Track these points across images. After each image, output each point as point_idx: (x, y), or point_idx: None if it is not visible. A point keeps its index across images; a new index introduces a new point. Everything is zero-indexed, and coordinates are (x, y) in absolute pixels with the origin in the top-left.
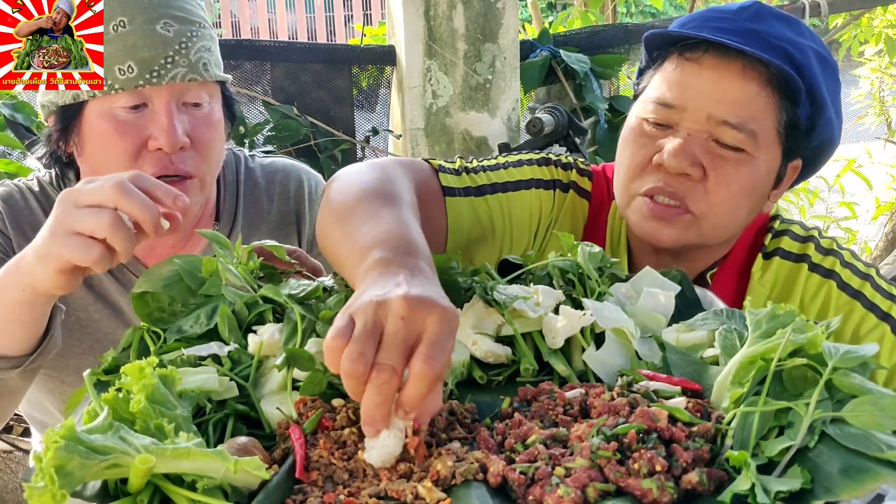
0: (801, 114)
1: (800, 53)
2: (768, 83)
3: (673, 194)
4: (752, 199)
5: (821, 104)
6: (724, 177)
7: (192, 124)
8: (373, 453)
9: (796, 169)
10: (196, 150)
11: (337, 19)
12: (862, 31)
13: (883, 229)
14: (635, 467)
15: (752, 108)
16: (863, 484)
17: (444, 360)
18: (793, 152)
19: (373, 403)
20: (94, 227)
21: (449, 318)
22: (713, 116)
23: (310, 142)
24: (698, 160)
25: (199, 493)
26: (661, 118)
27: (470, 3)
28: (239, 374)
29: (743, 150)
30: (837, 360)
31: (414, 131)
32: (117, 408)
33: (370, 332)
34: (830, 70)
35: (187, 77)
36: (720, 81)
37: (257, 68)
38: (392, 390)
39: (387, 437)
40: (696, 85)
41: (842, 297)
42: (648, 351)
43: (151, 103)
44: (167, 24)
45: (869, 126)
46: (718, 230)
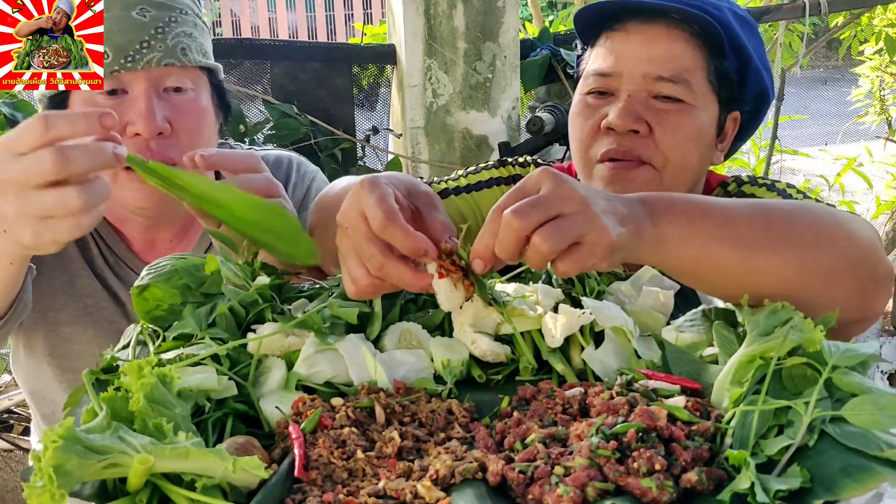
0: (730, 66)
1: (717, 11)
2: (693, 37)
3: (626, 152)
4: (699, 144)
5: (746, 56)
6: (668, 126)
7: (173, 111)
8: (447, 302)
9: (736, 120)
10: (179, 137)
11: (337, 18)
12: (862, 29)
13: (883, 228)
14: (634, 466)
15: (682, 62)
16: (862, 483)
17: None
18: (729, 103)
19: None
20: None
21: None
22: (648, 74)
23: (310, 141)
24: (642, 117)
25: (198, 492)
26: (601, 86)
27: (470, 2)
28: (238, 374)
29: (681, 100)
30: (837, 359)
31: (414, 130)
32: (116, 407)
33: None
34: (749, 27)
35: (164, 61)
36: (648, 43)
37: (257, 67)
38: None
39: (448, 285)
40: (627, 50)
41: (770, 194)
42: (648, 350)
43: (130, 89)
44: (143, 10)
45: (869, 125)
46: (678, 178)
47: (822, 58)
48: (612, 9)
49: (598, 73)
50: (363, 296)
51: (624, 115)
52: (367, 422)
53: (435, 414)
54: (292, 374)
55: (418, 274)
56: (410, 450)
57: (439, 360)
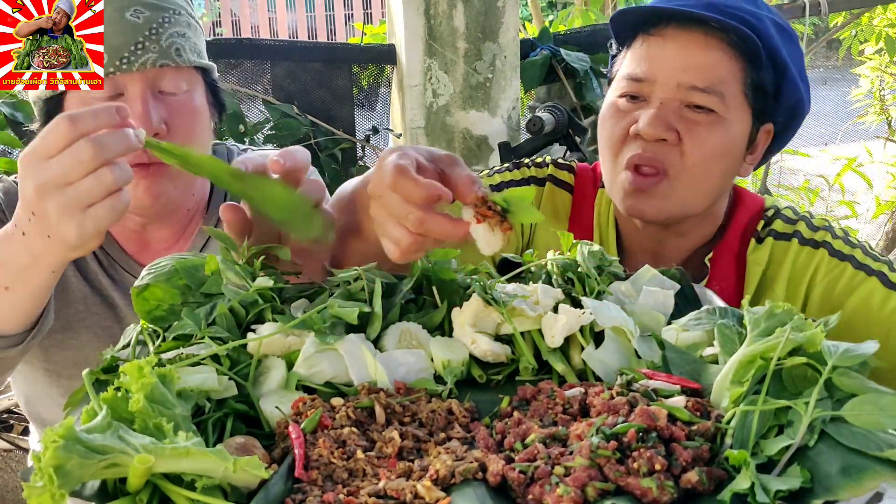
0: (766, 77)
1: (757, 21)
2: (730, 47)
3: (651, 159)
4: (725, 159)
5: (783, 67)
6: (697, 138)
7: (169, 111)
8: (486, 247)
9: (769, 133)
10: (175, 138)
11: (337, 18)
12: (862, 30)
13: (883, 228)
14: (635, 466)
15: (717, 72)
16: (862, 483)
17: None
18: (763, 115)
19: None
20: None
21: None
22: (682, 83)
23: (310, 141)
24: (672, 125)
25: (198, 492)
26: (634, 91)
27: (470, 2)
28: (238, 373)
29: (714, 111)
30: (837, 359)
31: (414, 130)
32: (116, 407)
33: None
34: (788, 36)
35: (158, 62)
36: (684, 50)
37: (257, 67)
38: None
39: (486, 230)
40: (663, 56)
41: (832, 261)
42: (648, 350)
43: (126, 92)
44: (137, 12)
45: (869, 125)
46: (695, 193)
47: (822, 58)
48: (651, 13)
49: (631, 78)
50: (407, 256)
51: (654, 122)
52: (367, 422)
53: (435, 414)
54: (292, 374)
55: (457, 223)
56: (411, 450)
57: (439, 361)
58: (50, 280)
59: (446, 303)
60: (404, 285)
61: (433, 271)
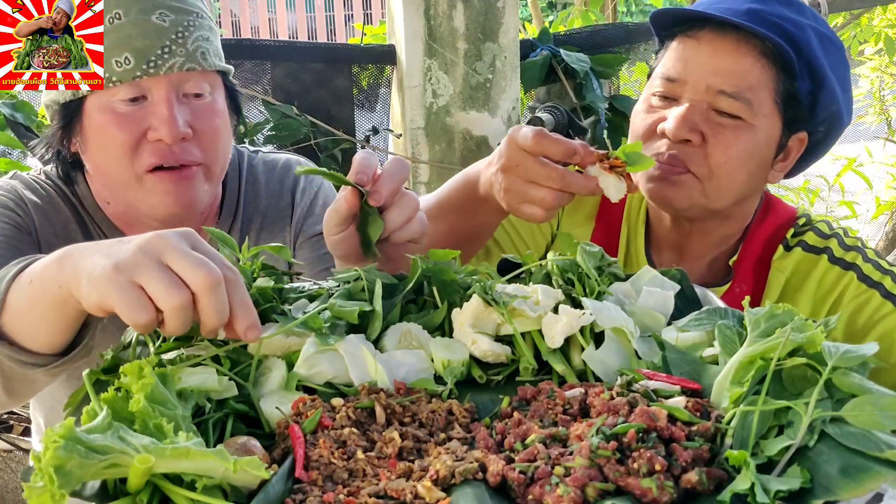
0: (802, 87)
1: (797, 30)
2: (763, 55)
3: (674, 157)
4: (750, 163)
5: (821, 78)
6: (721, 142)
7: (193, 115)
8: (616, 193)
9: (802, 142)
10: (200, 141)
11: (337, 18)
12: (862, 30)
13: (883, 229)
14: (635, 467)
15: (747, 79)
16: (862, 483)
17: None
18: (795, 124)
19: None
20: (162, 297)
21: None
22: (711, 87)
23: (310, 141)
24: (698, 127)
25: (198, 492)
26: (666, 91)
27: (470, 3)
28: (238, 374)
29: (740, 117)
30: (837, 360)
31: (414, 131)
32: (116, 407)
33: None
34: (833, 47)
35: (185, 66)
36: (716, 54)
37: (257, 67)
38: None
39: (614, 179)
40: (695, 59)
41: (860, 286)
42: (648, 350)
43: (150, 95)
44: (163, 14)
45: (869, 125)
46: (721, 192)
47: None
48: (688, 16)
49: (664, 77)
50: (552, 213)
51: (680, 123)
52: (367, 422)
53: (435, 414)
54: (292, 374)
55: (589, 177)
56: (411, 450)
57: (440, 361)
58: (62, 294)
59: (446, 303)
60: (404, 285)
61: (433, 272)
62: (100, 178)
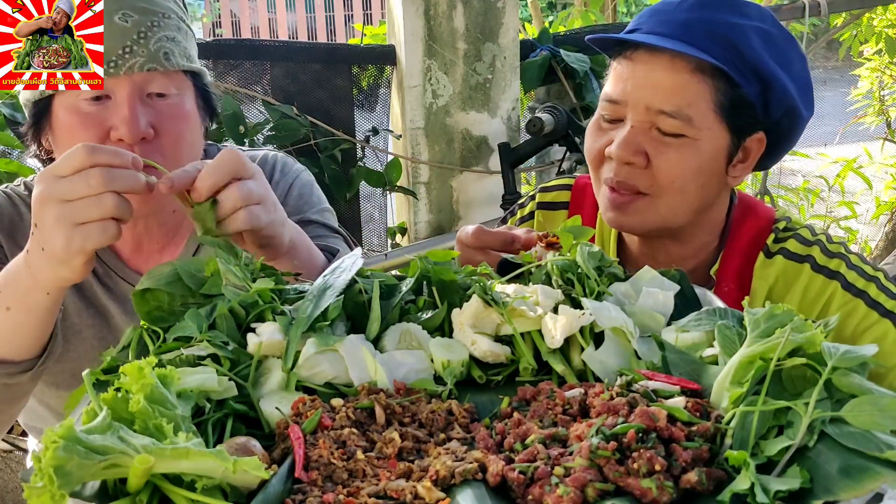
0: (750, 91)
1: (737, 34)
2: (698, 69)
3: (623, 183)
4: (699, 177)
5: (768, 78)
6: (666, 161)
7: (157, 116)
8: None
9: (761, 141)
10: (163, 142)
11: (337, 19)
12: (862, 30)
13: (883, 229)
14: (634, 467)
15: (685, 95)
16: (862, 483)
17: None
18: (749, 128)
19: None
20: (92, 201)
21: None
22: (651, 107)
23: (310, 141)
24: (642, 148)
25: (198, 492)
26: (611, 113)
27: (470, 3)
28: (238, 374)
29: (683, 135)
30: (837, 360)
31: (414, 131)
32: (116, 408)
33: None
34: (781, 43)
35: (146, 66)
36: (651, 74)
37: (257, 68)
38: None
39: (549, 252)
40: (632, 80)
41: (846, 296)
42: (647, 350)
43: (114, 95)
44: (125, 15)
45: (869, 126)
46: (675, 209)
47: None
48: (616, 41)
49: (607, 99)
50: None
51: (624, 147)
52: (367, 422)
53: (435, 415)
54: (292, 374)
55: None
56: (411, 450)
57: (439, 361)
58: (47, 302)
59: (446, 303)
60: (404, 286)
61: (433, 272)
62: None
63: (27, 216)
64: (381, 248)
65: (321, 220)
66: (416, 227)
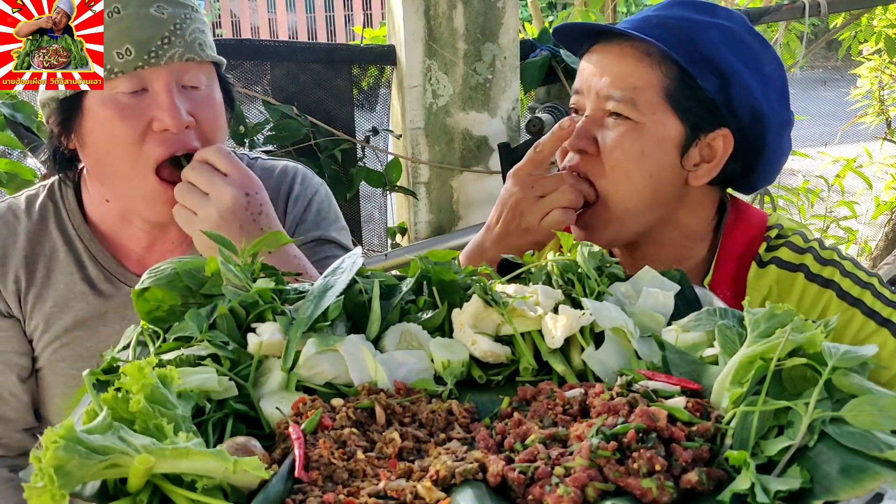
0: (708, 85)
1: (694, 27)
2: (647, 55)
3: (575, 167)
4: (644, 163)
5: (728, 74)
6: (611, 143)
7: (193, 105)
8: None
9: (727, 138)
10: (202, 130)
11: (337, 19)
12: (861, 30)
13: (883, 229)
14: (635, 467)
15: (630, 80)
16: (862, 483)
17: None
18: (706, 123)
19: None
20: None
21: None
22: (601, 94)
23: (310, 141)
24: (592, 135)
25: (198, 492)
26: (576, 104)
27: (470, 3)
28: (238, 374)
29: (626, 116)
30: (837, 360)
31: (414, 131)
32: (116, 408)
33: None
34: (741, 41)
35: (185, 56)
36: (602, 62)
37: (257, 68)
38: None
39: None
40: (588, 69)
41: (841, 305)
42: (648, 350)
43: (151, 86)
44: (160, 7)
45: (868, 126)
46: (623, 199)
47: (822, 58)
48: (573, 31)
49: (573, 92)
50: (572, 215)
51: (575, 134)
52: (367, 422)
53: (435, 415)
54: (292, 374)
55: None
56: (411, 450)
57: (439, 361)
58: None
59: (446, 303)
60: (404, 286)
61: (433, 272)
62: (100, 173)
63: (22, 236)
64: (381, 248)
65: (339, 239)
66: (416, 227)
